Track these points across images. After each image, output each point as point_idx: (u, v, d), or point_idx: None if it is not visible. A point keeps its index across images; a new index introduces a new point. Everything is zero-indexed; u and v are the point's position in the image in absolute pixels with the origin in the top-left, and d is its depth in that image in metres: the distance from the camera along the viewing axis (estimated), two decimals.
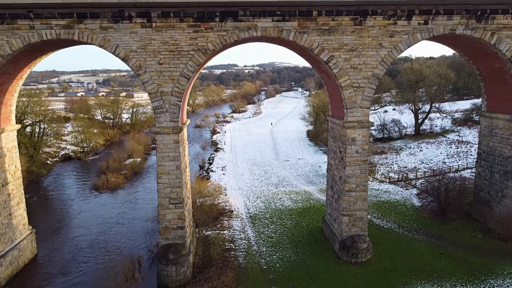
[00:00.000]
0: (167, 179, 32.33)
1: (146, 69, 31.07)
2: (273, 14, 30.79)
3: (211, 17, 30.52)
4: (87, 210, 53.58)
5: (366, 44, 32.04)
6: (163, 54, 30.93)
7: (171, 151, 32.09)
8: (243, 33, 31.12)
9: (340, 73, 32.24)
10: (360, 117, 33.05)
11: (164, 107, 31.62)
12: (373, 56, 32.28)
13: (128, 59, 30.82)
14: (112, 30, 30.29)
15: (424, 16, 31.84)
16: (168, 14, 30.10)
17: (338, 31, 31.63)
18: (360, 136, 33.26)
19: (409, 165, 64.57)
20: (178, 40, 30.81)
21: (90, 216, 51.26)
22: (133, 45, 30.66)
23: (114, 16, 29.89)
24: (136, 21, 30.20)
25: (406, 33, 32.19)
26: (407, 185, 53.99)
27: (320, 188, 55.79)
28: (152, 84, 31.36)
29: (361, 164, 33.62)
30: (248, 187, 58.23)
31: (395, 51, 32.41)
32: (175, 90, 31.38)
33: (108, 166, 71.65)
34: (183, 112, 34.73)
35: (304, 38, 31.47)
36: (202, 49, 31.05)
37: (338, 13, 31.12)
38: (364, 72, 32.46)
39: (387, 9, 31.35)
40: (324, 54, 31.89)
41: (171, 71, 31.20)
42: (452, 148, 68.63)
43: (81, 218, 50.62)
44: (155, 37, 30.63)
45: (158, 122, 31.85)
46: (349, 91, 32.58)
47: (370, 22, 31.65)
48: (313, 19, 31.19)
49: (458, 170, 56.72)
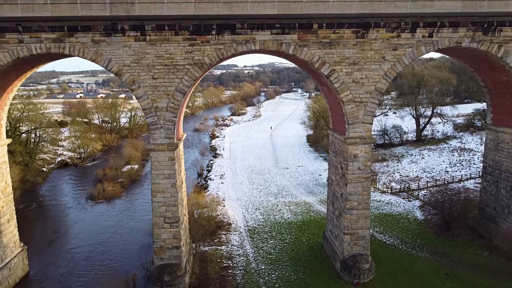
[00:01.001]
0: (162, 197, 31.16)
1: (140, 84, 29.90)
2: (272, 27, 29.62)
3: (207, 30, 29.35)
4: (82, 221, 52.44)
5: (368, 57, 30.87)
6: (157, 68, 29.76)
7: (166, 169, 30.92)
8: (240, 46, 29.95)
9: (342, 87, 31.06)
10: (362, 133, 31.88)
11: (159, 123, 30.46)
12: (375, 70, 31.12)
13: (121, 74, 29.64)
14: (104, 44, 29.11)
15: (429, 28, 30.67)
16: (163, 27, 28.94)
17: (339, 44, 30.46)
18: (362, 152, 32.08)
19: (411, 173, 63.41)
20: (173, 54, 29.64)
21: (86, 228, 50.13)
22: (127, 59, 29.48)
23: (106, 29, 28.72)
24: (130, 35, 29.02)
25: (410, 46, 31.02)
26: (409, 196, 52.83)
27: (320, 199, 54.62)
28: (146, 100, 30.19)
29: (363, 181, 32.44)
30: (247, 197, 57.06)
31: (398, 65, 31.25)
32: (170, 105, 30.21)
33: (104, 174, 70.46)
34: (178, 127, 33.56)
35: (304, 51, 30.30)
36: (198, 63, 29.89)
37: (340, 26, 29.95)
38: (367, 87, 31.29)
39: (391, 21, 30.18)
40: (325, 68, 30.72)
41: (166, 86, 30.03)
42: (455, 156, 67.47)
43: (76, 230, 49.51)
44: (149, 51, 29.46)
45: (153, 138, 30.67)
46: (351, 106, 31.41)
47: (373, 35, 30.49)
48: (313, 32, 30.02)
49: (461, 180, 55.56)
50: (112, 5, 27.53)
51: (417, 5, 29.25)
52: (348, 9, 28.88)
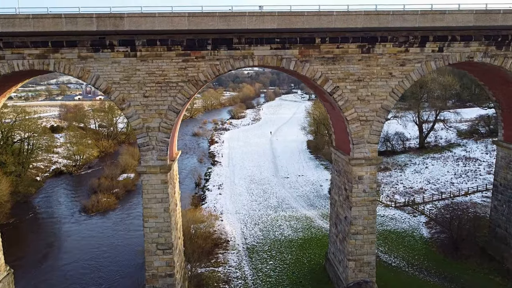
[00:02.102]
0: (154, 222, 29.21)
1: (130, 103, 27.94)
2: (271, 41, 27.67)
3: (202, 45, 27.39)
4: (75, 236, 50.77)
5: (374, 73, 28.92)
6: (149, 86, 27.80)
7: (159, 193, 28.99)
8: (238, 62, 28.01)
9: (346, 105, 29.11)
10: (368, 153, 29.93)
11: (151, 144, 28.50)
12: (382, 87, 29.17)
13: (110, 92, 27.68)
14: (92, 60, 27.14)
15: (439, 42, 28.73)
16: (154, 42, 26.97)
17: (343, 59, 28.50)
18: (367, 174, 30.13)
19: (415, 185, 61.44)
20: (166, 71, 27.68)
21: (79, 243, 48.50)
22: (116, 76, 27.51)
23: (94, 44, 26.76)
24: (119, 50, 27.06)
25: (419, 61, 29.07)
26: (414, 211, 50.88)
27: (322, 213, 52.66)
28: (137, 119, 28.24)
29: (369, 204, 30.49)
30: (245, 211, 55.10)
31: (406, 81, 29.31)
32: (163, 125, 28.25)
33: (99, 184, 68.48)
34: (172, 146, 31.61)
35: (306, 67, 28.35)
36: (193, 80, 27.93)
37: (344, 40, 28.00)
38: (372, 104, 29.34)
39: (398, 35, 28.23)
40: (328, 85, 28.77)
41: (158, 105, 28.07)
42: (460, 166, 65.49)
43: (69, 244, 48.07)
44: (140, 68, 27.50)
45: (144, 160, 28.72)
46: (356, 125, 29.46)
47: (379, 50, 28.53)
48: (315, 47, 28.06)
49: (467, 193, 53.62)
50: (99, 19, 25.58)
51: (427, 18, 27.30)
52: (353, 23, 26.93)
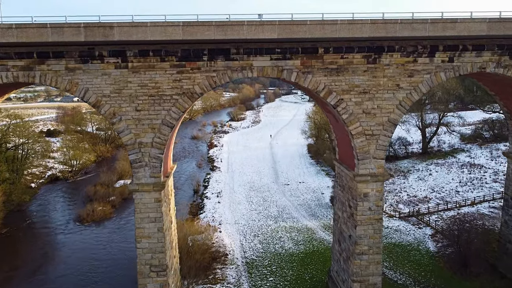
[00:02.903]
0: (147, 243, 27.55)
1: (122, 117, 26.28)
2: (271, 51, 26.02)
3: (198, 56, 25.73)
4: (69, 247, 49.29)
5: (380, 85, 27.27)
6: (141, 99, 26.14)
7: (152, 212, 27.32)
8: (236, 73, 26.37)
9: (351, 119, 27.46)
10: (374, 169, 28.27)
11: (143, 160, 26.85)
12: (389, 99, 27.52)
13: (100, 105, 26.02)
14: (80, 72, 25.48)
15: (449, 52, 27.08)
16: (147, 53, 25.32)
17: (348, 70, 26.85)
18: (373, 191, 28.48)
19: (419, 193, 59.77)
20: (159, 83, 26.03)
21: (72, 256, 46.92)
22: (106, 89, 25.85)
23: (82, 55, 25.09)
24: (109, 61, 25.40)
25: (428, 72, 27.42)
26: (419, 222, 49.21)
27: (323, 224, 51.00)
28: (129, 134, 26.59)
29: (375, 223, 28.84)
30: (245, 221, 53.44)
31: (414, 93, 27.65)
32: (156, 141, 26.59)
33: (95, 192, 66.82)
34: (167, 161, 29.96)
35: (308, 78, 26.70)
36: (188, 92, 26.28)
37: (349, 50, 26.35)
38: (379, 118, 27.69)
39: (406, 44, 26.57)
40: (331, 98, 27.11)
41: (151, 119, 26.42)
42: (465, 173, 63.80)
43: (62, 257, 46.66)
44: (132, 80, 25.85)
45: (136, 177, 27.06)
46: (361, 140, 27.80)
47: (386, 60, 26.88)
48: (318, 57, 26.41)
49: (474, 203, 51.94)
50: (87, 29, 23.92)
51: (437, 27, 25.65)
52: (358, 32, 25.28)
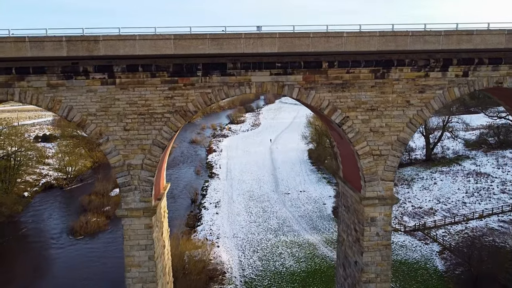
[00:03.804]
0: (137, 272, 25.48)
1: (109, 137, 24.23)
2: (271, 66, 23.97)
3: (191, 71, 23.69)
4: (61, 261, 48.01)
5: (389, 101, 25.23)
6: (130, 117, 24.09)
7: (142, 238, 25.26)
8: (233, 89, 24.32)
9: (357, 138, 25.42)
10: (382, 192, 26.23)
11: (132, 183, 24.78)
12: (398, 117, 25.47)
13: (85, 125, 23.96)
14: (63, 89, 23.42)
15: (464, 66, 25.03)
16: (136, 68, 23.27)
17: (354, 86, 24.82)
18: (381, 215, 26.43)
19: (424, 204, 57.76)
20: (150, 100, 23.98)
21: (64, 271, 46.08)
22: (91, 106, 23.81)
23: (65, 71, 23.03)
24: (95, 77, 23.35)
25: (441, 87, 25.37)
26: (425, 236, 47.20)
27: (326, 239, 48.99)
28: (117, 156, 24.53)
29: (383, 249, 26.79)
30: (244, 234, 51.43)
31: (426, 110, 25.60)
32: (147, 162, 24.54)
33: (90, 202, 64.97)
34: (159, 182, 27.91)
35: (311, 95, 24.66)
36: (181, 110, 24.23)
37: (355, 64, 24.30)
38: (387, 137, 25.65)
39: (417, 58, 24.52)
40: (336, 115, 25.07)
41: (141, 139, 24.36)
42: (471, 183, 61.80)
43: (54, 272, 45.57)
44: (120, 97, 23.79)
45: (125, 202, 24.99)
46: (368, 160, 25.76)
47: (395, 75, 24.84)
48: (322, 72, 24.37)
49: (482, 216, 49.97)
50: (70, 43, 21.89)
51: (452, 39, 23.63)
52: (366, 46, 23.26)
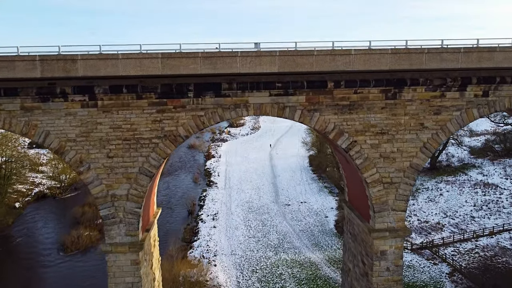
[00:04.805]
0: None
1: (90, 165, 21.85)
2: (271, 86, 21.60)
3: (182, 92, 21.33)
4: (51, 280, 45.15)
5: (401, 124, 22.86)
6: (114, 143, 21.72)
7: (128, 276, 22.89)
8: (228, 112, 21.96)
9: (365, 164, 23.04)
10: (393, 223, 23.86)
11: (117, 216, 22.41)
12: (411, 141, 23.11)
13: (64, 152, 21.58)
14: (39, 112, 21.04)
15: (484, 85, 22.66)
16: (120, 89, 20.89)
17: (362, 107, 22.44)
18: (392, 248, 24.06)
19: (430, 217, 55.38)
20: (136, 124, 21.61)
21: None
22: (71, 131, 21.42)
23: (41, 92, 20.65)
24: (74, 99, 20.97)
25: (458, 108, 23.00)
26: (434, 255, 44.82)
27: (329, 257, 46.60)
28: (99, 186, 22.15)
29: (393, 285, 24.41)
30: (242, 251, 49.04)
31: (442, 134, 23.24)
32: (133, 193, 22.17)
33: (83, 213, 62.74)
34: (148, 210, 25.52)
35: (315, 117, 22.29)
36: (170, 135, 21.86)
37: (364, 84, 21.93)
38: (399, 163, 23.28)
39: (433, 77, 22.14)
40: (343, 140, 22.69)
41: (126, 167, 21.99)
42: (479, 195, 59.41)
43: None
44: (102, 121, 21.42)
45: (109, 236, 22.61)
46: (378, 189, 23.38)
47: (408, 95, 22.47)
48: (327, 92, 22.00)
49: (493, 233, 47.59)
50: (44, 63, 19.58)
51: (472, 57, 21.33)
52: (377, 65, 20.95)
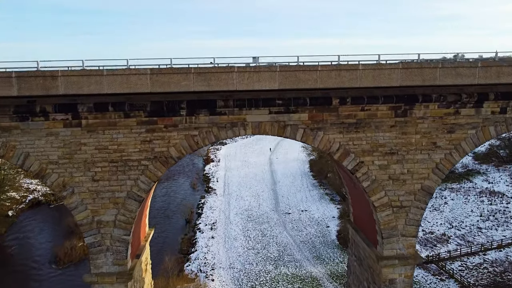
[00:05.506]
0: None
1: (74, 189, 20.10)
2: (270, 103, 19.82)
3: (173, 110, 19.55)
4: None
5: (412, 144, 21.10)
6: (99, 165, 19.94)
7: None
8: (224, 131, 20.18)
9: (373, 187, 21.27)
10: (403, 249, 22.11)
11: (103, 244, 20.67)
12: (422, 162, 21.35)
13: (45, 175, 19.81)
14: (18, 132, 19.26)
15: (502, 101, 20.90)
16: (105, 107, 19.10)
17: (370, 125, 20.68)
18: (401, 276, 22.31)
19: (435, 228, 53.61)
20: (123, 145, 19.83)
21: None
22: (53, 153, 19.64)
23: (19, 111, 18.86)
24: (56, 118, 19.19)
25: (473, 126, 21.25)
26: (440, 270, 43.04)
27: (331, 271, 44.82)
28: (84, 211, 20.45)
29: None
30: (241, 265, 47.27)
31: (456, 154, 21.47)
32: (120, 219, 20.41)
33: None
34: (139, 234, 23.77)
35: (318, 137, 20.53)
36: (161, 157, 20.08)
37: (371, 100, 20.15)
38: (409, 185, 21.52)
39: (447, 92, 20.38)
40: (348, 160, 20.93)
41: (113, 191, 20.22)
42: (485, 204, 57.70)
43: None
44: (87, 141, 19.64)
45: (95, 265, 20.87)
46: (386, 213, 21.62)
47: (420, 112, 20.70)
48: (332, 109, 20.23)
49: (501, 246, 45.83)
50: (21, 80, 17.81)
51: (490, 72, 19.59)
52: (386, 81, 19.21)
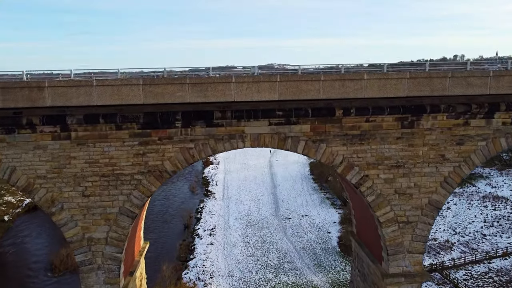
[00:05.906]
0: None
1: (63, 205, 19.11)
2: (270, 114, 18.81)
3: (168, 121, 18.52)
4: None
5: (419, 156, 20.10)
6: (90, 180, 18.93)
7: None
8: (221, 144, 19.16)
9: (378, 201, 20.26)
10: (409, 267, 21.10)
11: (95, 262, 19.67)
12: (430, 175, 20.35)
13: (33, 190, 18.81)
14: (3, 145, 18.26)
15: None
16: (96, 119, 18.08)
17: (375, 137, 19.67)
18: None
19: (438, 235, 52.57)
20: (115, 158, 18.82)
21: None
22: (41, 167, 18.63)
23: (4, 123, 17.85)
24: (43, 130, 18.18)
25: (484, 138, 20.25)
26: (444, 280, 41.99)
27: (332, 280, 43.80)
28: (74, 228, 19.50)
29: None
30: (240, 272, 46.26)
31: (465, 166, 20.47)
32: (112, 236, 19.40)
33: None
34: (132, 251, 22.76)
35: (320, 149, 19.51)
36: (155, 170, 19.06)
37: (377, 111, 19.13)
38: (416, 200, 20.53)
39: (456, 103, 19.36)
40: (352, 174, 19.91)
41: (105, 207, 19.22)
42: (488, 209, 56.73)
43: None
44: (77, 154, 18.63)
45: (86, 285, 19.88)
46: (392, 229, 20.61)
47: (427, 123, 19.69)
48: (335, 121, 19.22)
49: (506, 253, 44.83)
50: (5, 91, 16.80)
51: (503, 82, 18.65)
52: (393, 91, 18.23)
